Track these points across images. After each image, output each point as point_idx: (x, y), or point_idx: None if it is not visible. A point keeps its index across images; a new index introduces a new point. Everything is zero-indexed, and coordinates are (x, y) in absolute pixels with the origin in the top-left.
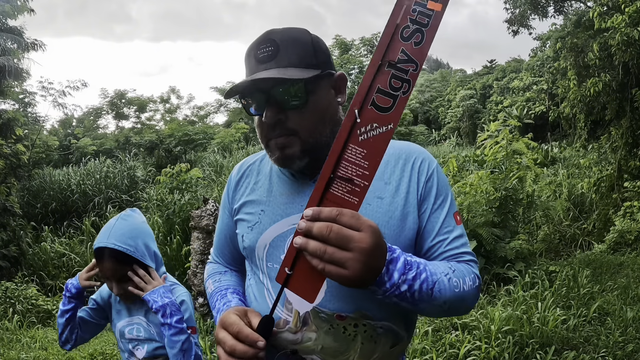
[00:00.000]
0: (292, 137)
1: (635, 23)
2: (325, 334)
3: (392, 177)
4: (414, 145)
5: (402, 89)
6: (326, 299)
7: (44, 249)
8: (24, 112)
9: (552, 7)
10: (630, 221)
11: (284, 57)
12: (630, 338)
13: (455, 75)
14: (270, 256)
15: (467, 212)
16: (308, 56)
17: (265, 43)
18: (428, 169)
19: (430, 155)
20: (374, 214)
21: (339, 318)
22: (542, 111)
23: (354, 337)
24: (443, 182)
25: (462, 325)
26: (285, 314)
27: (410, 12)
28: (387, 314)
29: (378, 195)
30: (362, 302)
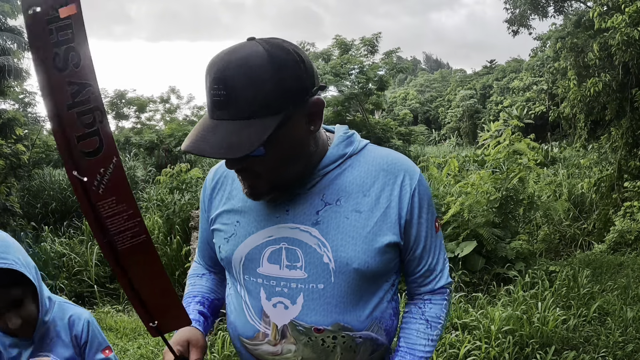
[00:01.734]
0: (257, 180)
1: (635, 23)
2: (304, 346)
3: (372, 190)
4: (396, 153)
5: (97, 119)
6: (303, 312)
7: (44, 249)
8: (24, 112)
9: (552, 7)
10: (630, 221)
11: (237, 105)
12: (630, 338)
13: (455, 75)
14: (246, 269)
15: (468, 212)
16: (268, 100)
17: (217, 83)
18: (411, 183)
19: (412, 166)
20: (352, 227)
21: (317, 331)
22: (542, 111)
23: (332, 348)
24: (425, 195)
25: (462, 325)
26: (263, 327)
27: (48, 39)
28: (366, 325)
29: (356, 208)
30: (339, 315)
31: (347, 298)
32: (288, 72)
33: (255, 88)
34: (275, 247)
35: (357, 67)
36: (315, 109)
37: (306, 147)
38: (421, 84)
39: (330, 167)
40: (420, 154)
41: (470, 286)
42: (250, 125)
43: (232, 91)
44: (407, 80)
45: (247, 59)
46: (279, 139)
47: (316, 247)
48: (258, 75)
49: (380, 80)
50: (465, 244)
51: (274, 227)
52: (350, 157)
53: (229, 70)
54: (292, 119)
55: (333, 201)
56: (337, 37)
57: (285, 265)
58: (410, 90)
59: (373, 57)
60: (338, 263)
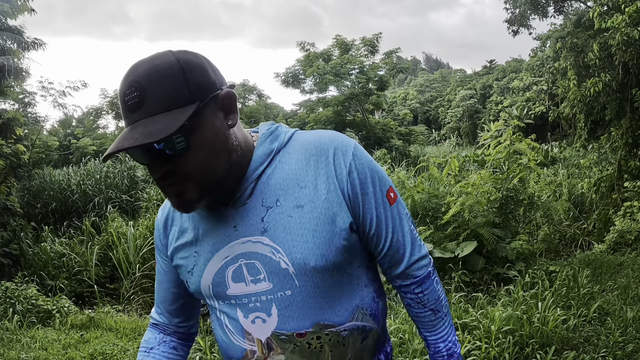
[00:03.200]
0: (186, 183)
1: (635, 23)
2: (292, 353)
3: (307, 179)
4: (324, 133)
5: None
6: (280, 321)
7: (44, 249)
8: (24, 112)
9: (552, 7)
10: (630, 221)
11: (152, 101)
12: (630, 338)
13: (455, 75)
14: (217, 295)
15: (469, 212)
16: (180, 91)
17: (130, 87)
18: (344, 160)
19: (343, 141)
20: (298, 225)
21: (299, 336)
22: (542, 111)
23: (320, 348)
24: (365, 167)
25: (462, 325)
26: (249, 345)
27: None
28: (347, 316)
29: (296, 203)
30: (316, 316)
31: (319, 297)
32: (195, 67)
33: (165, 83)
34: (234, 265)
35: (357, 67)
36: (228, 101)
37: (227, 140)
38: (421, 84)
39: (260, 169)
40: (420, 154)
41: (470, 286)
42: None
43: (143, 90)
44: (407, 80)
45: (154, 61)
46: (197, 129)
47: (271, 255)
48: (166, 71)
49: (381, 80)
50: (466, 244)
51: (227, 247)
52: (278, 152)
53: (138, 74)
54: (207, 110)
55: (273, 203)
56: (337, 37)
57: (250, 280)
58: (410, 90)
59: (373, 57)
60: (296, 266)
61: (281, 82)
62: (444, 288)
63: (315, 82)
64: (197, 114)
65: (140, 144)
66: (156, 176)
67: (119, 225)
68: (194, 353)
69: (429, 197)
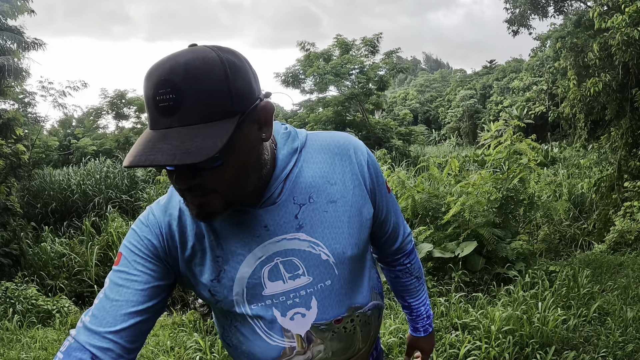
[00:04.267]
0: (211, 195)
1: (635, 23)
2: (331, 341)
3: (335, 176)
4: (338, 134)
5: None
6: (320, 312)
7: (44, 249)
8: (24, 112)
9: (552, 7)
10: (630, 221)
11: (190, 109)
12: (630, 338)
13: (455, 75)
14: (251, 298)
15: (469, 212)
16: (222, 100)
17: (164, 87)
18: (362, 156)
19: (357, 140)
20: (333, 218)
21: (337, 322)
22: (542, 111)
23: (353, 330)
24: (376, 163)
25: (462, 325)
26: (288, 342)
27: None
28: (369, 297)
29: (330, 199)
30: (350, 300)
31: (351, 282)
32: (238, 72)
33: (207, 88)
34: (270, 264)
35: (358, 67)
36: (265, 115)
37: (260, 155)
38: (421, 84)
39: (287, 169)
40: (420, 154)
41: (471, 286)
42: (207, 128)
43: (180, 93)
44: (407, 80)
45: (195, 60)
46: (234, 145)
47: (310, 249)
48: (208, 74)
49: (381, 80)
50: (466, 244)
51: (260, 247)
52: (300, 151)
53: (175, 72)
54: (245, 124)
55: (306, 200)
56: (337, 37)
57: (288, 277)
58: (410, 90)
59: (374, 57)
60: (336, 256)
61: (281, 82)
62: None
63: (315, 82)
64: (237, 127)
65: (179, 163)
66: (182, 187)
67: (119, 225)
68: (194, 353)
69: (429, 197)
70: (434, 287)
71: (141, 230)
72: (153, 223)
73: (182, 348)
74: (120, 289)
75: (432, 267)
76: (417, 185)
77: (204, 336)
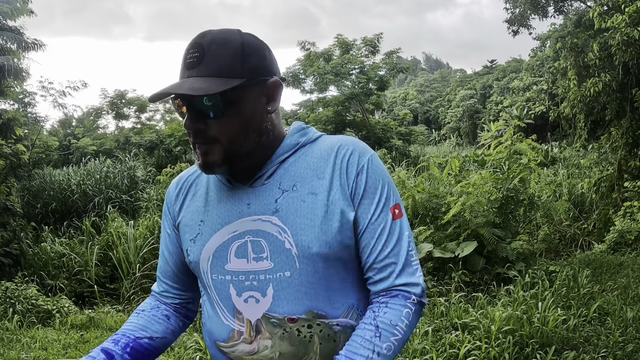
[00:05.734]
0: (213, 145)
1: (635, 23)
2: (280, 340)
3: (325, 172)
4: (349, 138)
5: None
6: (274, 303)
7: (44, 249)
8: (24, 112)
9: (552, 7)
10: (630, 221)
11: (208, 64)
12: (630, 338)
13: (455, 75)
14: (214, 267)
15: (469, 212)
16: (233, 63)
17: (193, 48)
18: (359, 161)
19: (364, 147)
20: (309, 210)
21: (290, 321)
22: (542, 111)
23: (310, 338)
24: (377, 175)
25: (462, 325)
26: (237, 325)
27: None
28: (342, 312)
29: (312, 191)
30: (311, 302)
31: (316, 284)
32: (254, 50)
33: (225, 53)
34: (240, 241)
35: (358, 67)
36: (273, 89)
37: (262, 122)
38: (421, 84)
39: (285, 155)
40: (420, 154)
41: (471, 286)
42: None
43: (203, 53)
44: (407, 80)
45: (222, 33)
46: (238, 102)
47: (277, 235)
48: (229, 45)
49: (381, 80)
50: (466, 244)
51: (238, 222)
52: (304, 145)
53: (205, 39)
54: (252, 90)
55: (290, 187)
56: (338, 37)
57: (252, 257)
58: (410, 90)
59: (374, 57)
60: (299, 248)
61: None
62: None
63: (315, 82)
64: (242, 88)
65: (182, 92)
66: (189, 131)
67: (119, 225)
68: (194, 353)
69: (429, 197)
70: (434, 287)
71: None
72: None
73: (182, 348)
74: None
75: (432, 267)
76: (417, 185)
77: (204, 336)
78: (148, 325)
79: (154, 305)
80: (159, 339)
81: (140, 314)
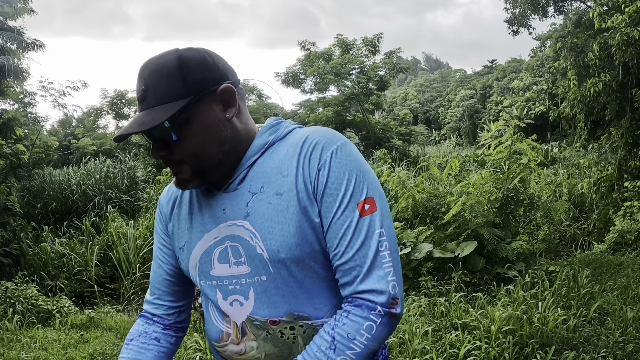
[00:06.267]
0: (180, 166)
1: (635, 23)
2: (264, 341)
3: (290, 168)
4: (317, 128)
5: None
6: (256, 306)
7: (44, 249)
8: (24, 112)
9: (552, 7)
10: (630, 221)
11: (152, 95)
12: (630, 338)
13: (455, 75)
14: (201, 274)
15: (469, 212)
16: (174, 86)
17: (139, 82)
18: (321, 155)
19: (331, 137)
20: (275, 211)
21: (273, 323)
22: (542, 111)
23: (293, 339)
24: (341, 168)
25: (462, 325)
26: (225, 327)
27: None
28: (325, 313)
29: (277, 191)
30: (291, 305)
31: (294, 286)
32: (194, 65)
33: (163, 79)
34: (221, 247)
35: (358, 67)
36: (227, 96)
37: (220, 132)
38: (421, 84)
39: (254, 158)
40: (420, 154)
41: (471, 286)
42: (161, 108)
43: (147, 86)
44: (407, 80)
45: (158, 60)
46: (190, 120)
47: (249, 240)
48: (164, 69)
49: (381, 80)
50: (466, 244)
51: (217, 228)
52: (273, 144)
53: (145, 71)
54: (202, 104)
55: (258, 189)
56: (338, 37)
57: (233, 262)
58: (410, 90)
59: (374, 57)
60: (269, 252)
61: (281, 81)
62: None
63: (315, 82)
64: (190, 107)
65: (134, 131)
66: (154, 157)
67: (119, 225)
68: (194, 353)
69: (429, 197)
70: (434, 287)
71: (158, 207)
72: (160, 200)
73: (182, 348)
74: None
75: (432, 267)
76: (417, 185)
77: (204, 336)
78: (138, 356)
79: (141, 332)
80: None
81: (129, 345)
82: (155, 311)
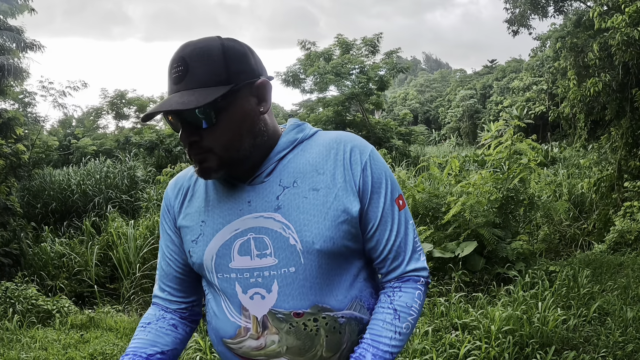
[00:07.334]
0: (208, 154)
1: (635, 23)
2: (287, 334)
3: (326, 168)
4: (346, 133)
5: None
6: (280, 299)
7: (44, 249)
8: (24, 112)
9: (552, 7)
10: (630, 221)
11: (193, 77)
12: (630, 338)
13: (455, 75)
14: (218, 267)
15: (469, 212)
16: (218, 71)
17: (176, 62)
18: (361, 158)
19: (362, 142)
20: (312, 206)
21: (296, 315)
22: (542, 111)
23: (316, 331)
24: (380, 169)
25: (462, 325)
26: (244, 322)
27: None
28: (346, 304)
29: (313, 187)
30: (316, 296)
31: (321, 278)
32: (236, 54)
33: (206, 60)
34: (243, 239)
35: (358, 67)
36: (262, 90)
37: (255, 124)
38: (421, 84)
39: (282, 153)
40: (420, 154)
41: (471, 286)
42: (203, 90)
43: (187, 66)
44: (407, 80)
45: (202, 43)
46: (227, 108)
47: (281, 231)
48: (208, 51)
49: (381, 80)
50: (466, 244)
51: (239, 220)
52: (302, 142)
53: (186, 51)
54: (240, 94)
55: (290, 184)
56: (338, 37)
57: (256, 255)
58: (410, 90)
59: (374, 57)
60: (304, 243)
61: (281, 81)
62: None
63: (315, 82)
64: (230, 94)
65: (173, 109)
66: (184, 143)
67: (119, 225)
68: (194, 353)
69: (429, 196)
70: (434, 287)
71: (164, 198)
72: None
73: None
74: (160, 250)
75: (432, 267)
76: (417, 185)
77: (204, 336)
78: (157, 339)
79: (159, 316)
80: (170, 352)
81: (147, 327)
82: (169, 305)
